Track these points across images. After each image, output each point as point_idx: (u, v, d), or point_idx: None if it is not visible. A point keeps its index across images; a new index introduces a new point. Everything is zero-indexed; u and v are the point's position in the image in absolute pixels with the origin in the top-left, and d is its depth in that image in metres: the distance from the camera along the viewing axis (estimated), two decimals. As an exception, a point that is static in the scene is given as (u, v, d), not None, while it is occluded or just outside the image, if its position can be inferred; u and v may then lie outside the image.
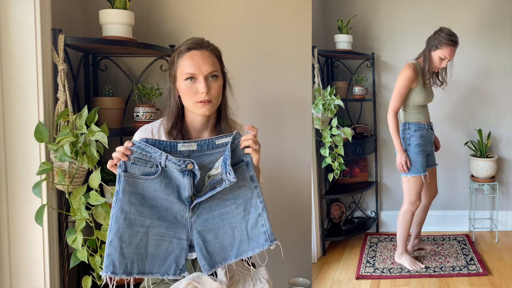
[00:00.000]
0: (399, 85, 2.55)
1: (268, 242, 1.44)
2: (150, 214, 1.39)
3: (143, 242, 1.38)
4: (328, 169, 2.78)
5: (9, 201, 1.81)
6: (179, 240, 1.42)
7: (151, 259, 1.39)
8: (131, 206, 1.37)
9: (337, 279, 2.63)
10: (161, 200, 1.41)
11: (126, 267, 1.35)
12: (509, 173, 3.32)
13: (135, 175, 1.39)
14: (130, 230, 1.36)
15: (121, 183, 1.37)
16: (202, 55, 1.49)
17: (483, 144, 3.17)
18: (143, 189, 1.39)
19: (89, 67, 2.27)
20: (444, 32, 2.53)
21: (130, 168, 1.39)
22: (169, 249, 1.41)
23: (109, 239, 1.35)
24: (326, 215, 3.17)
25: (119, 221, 1.36)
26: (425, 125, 2.63)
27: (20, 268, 1.83)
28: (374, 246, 3.08)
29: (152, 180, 1.39)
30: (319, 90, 2.70)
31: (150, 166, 1.40)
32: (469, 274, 2.62)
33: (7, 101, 1.79)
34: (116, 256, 1.34)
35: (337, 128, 2.61)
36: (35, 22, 1.78)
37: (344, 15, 3.15)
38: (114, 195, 1.38)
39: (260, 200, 1.45)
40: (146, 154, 1.39)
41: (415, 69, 2.54)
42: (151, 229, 1.39)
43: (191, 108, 1.52)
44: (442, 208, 3.28)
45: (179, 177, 1.40)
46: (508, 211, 3.33)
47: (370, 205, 3.45)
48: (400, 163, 2.56)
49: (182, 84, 1.50)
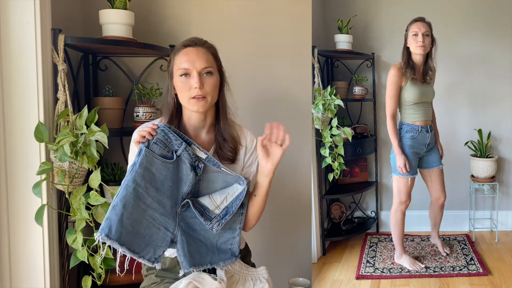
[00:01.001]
0: (388, 87, 2.57)
1: (233, 257, 1.56)
2: (154, 195, 1.44)
3: (139, 218, 1.41)
4: (328, 169, 2.78)
5: (9, 201, 1.81)
6: (166, 230, 1.47)
7: (139, 238, 1.41)
8: (143, 180, 1.42)
9: (337, 279, 2.63)
10: (167, 186, 1.46)
11: (120, 236, 1.37)
12: (509, 173, 3.32)
13: (155, 154, 1.44)
14: (135, 202, 1.40)
15: (141, 156, 1.43)
16: (196, 51, 1.51)
17: (483, 144, 3.17)
18: (157, 169, 1.45)
19: (89, 67, 2.27)
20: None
21: (151, 146, 1.44)
22: (154, 235, 1.44)
23: (113, 203, 1.38)
24: (326, 215, 3.17)
25: (129, 189, 1.39)
26: (419, 127, 2.58)
27: (20, 268, 1.83)
28: (374, 246, 3.08)
29: (167, 164, 1.46)
30: (319, 90, 2.70)
31: (167, 151, 1.47)
32: (469, 274, 2.62)
33: (7, 101, 1.79)
34: (115, 221, 1.36)
35: (337, 128, 2.61)
36: (35, 22, 1.77)
37: (344, 15, 3.15)
38: (130, 165, 1.44)
39: (240, 226, 1.57)
40: (167, 139, 1.47)
41: (399, 68, 2.54)
42: (149, 209, 1.43)
43: (186, 104, 1.53)
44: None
45: (186, 170, 1.48)
46: (508, 211, 3.33)
47: (370, 205, 3.45)
48: (399, 166, 2.56)
49: (177, 80, 1.52)
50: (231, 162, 1.62)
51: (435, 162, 2.70)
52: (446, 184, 2.77)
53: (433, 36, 2.56)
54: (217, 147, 1.60)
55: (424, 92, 2.57)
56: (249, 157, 1.67)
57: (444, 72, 3.16)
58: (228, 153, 1.59)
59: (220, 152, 1.59)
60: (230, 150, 1.60)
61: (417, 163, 2.66)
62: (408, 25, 2.60)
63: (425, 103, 2.61)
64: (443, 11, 3.25)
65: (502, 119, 3.29)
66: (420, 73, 2.57)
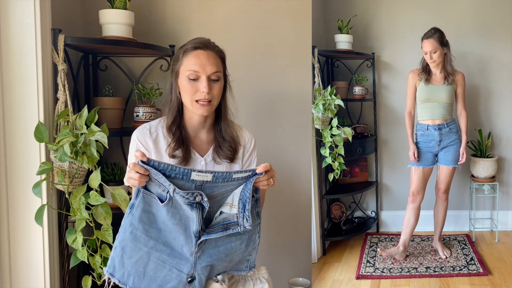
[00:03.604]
0: (407, 88, 2.83)
1: (247, 269, 1.52)
2: (157, 236, 1.38)
3: (143, 260, 1.37)
4: (328, 169, 2.78)
5: (9, 201, 1.81)
6: (179, 272, 1.40)
7: (148, 281, 1.38)
8: (140, 223, 1.36)
9: (337, 279, 2.63)
10: (171, 225, 1.38)
11: (123, 276, 1.37)
12: (509, 173, 3.32)
13: (152, 194, 1.37)
14: (133, 244, 1.37)
15: (138, 198, 1.36)
16: (207, 55, 1.51)
17: (483, 144, 3.17)
18: (157, 210, 1.37)
19: (89, 67, 2.27)
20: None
21: (148, 184, 1.36)
22: (167, 277, 1.39)
23: (114, 245, 1.38)
24: (326, 215, 3.16)
25: (126, 233, 1.37)
26: (427, 125, 2.75)
27: (20, 268, 1.83)
28: (374, 246, 3.08)
29: (161, 206, 1.36)
30: (319, 90, 2.70)
31: (162, 190, 1.35)
32: (469, 274, 2.62)
33: (7, 101, 1.79)
34: (117, 262, 1.37)
35: (337, 128, 2.61)
36: (35, 22, 1.77)
37: (344, 15, 3.15)
38: (129, 206, 1.37)
39: (259, 235, 1.50)
40: (158, 179, 1.34)
41: (414, 71, 2.80)
42: (154, 251, 1.38)
43: (189, 106, 1.53)
44: (443, 208, 3.28)
45: (187, 210, 1.36)
46: (508, 211, 3.33)
47: (370, 205, 3.45)
48: (410, 155, 2.78)
49: (184, 81, 1.51)
50: (230, 161, 1.62)
51: (447, 161, 2.78)
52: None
53: (444, 42, 2.71)
54: (217, 147, 1.60)
55: (432, 92, 2.73)
56: (248, 157, 1.68)
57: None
58: (227, 152, 1.60)
59: (219, 151, 1.60)
60: (229, 150, 1.60)
61: (433, 158, 2.80)
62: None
63: (434, 103, 2.73)
64: (443, 11, 3.25)
65: (502, 119, 3.29)
66: (440, 75, 2.75)
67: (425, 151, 2.78)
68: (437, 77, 2.75)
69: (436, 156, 2.80)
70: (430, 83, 2.74)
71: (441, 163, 2.80)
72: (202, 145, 1.60)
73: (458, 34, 3.26)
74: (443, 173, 2.81)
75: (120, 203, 1.75)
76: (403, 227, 2.83)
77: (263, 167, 1.38)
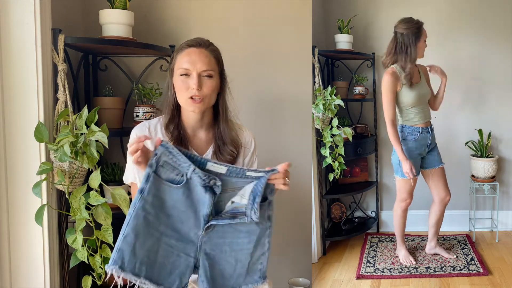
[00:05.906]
0: (383, 94, 2.53)
1: (261, 280, 1.46)
2: (166, 222, 1.36)
3: (154, 247, 1.35)
4: (328, 169, 2.78)
5: (9, 201, 1.81)
6: (187, 256, 1.39)
7: (159, 268, 1.35)
8: (153, 207, 1.34)
9: (337, 279, 2.63)
10: (179, 211, 1.37)
11: (134, 267, 1.31)
12: (509, 173, 3.32)
13: (162, 179, 1.36)
14: (147, 230, 1.33)
15: (149, 183, 1.34)
16: (199, 53, 1.51)
17: (483, 144, 3.17)
18: (165, 195, 1.36)
19: (89, 67, 2.27)
20: (410, 22, 2.53)
21: (158, 170, 1.35)
22: (176, 263, 1.37)
23: (124, 234, 1.30)
24: (326, 215, 3.16)
25: (139, 218, 1.32)
26: (420, 128, 2.58)
27: (20, 268, 1.83)
28: (375, 246, 3.08)
29: (175, 189, 1.36)
30: (319, 90, 2.70)
31: (176, 173, 1.36)
32: (470, 274, 2.62)
33: (7, 101, 1.79)
34: (127, 252, 1.30)
35: (338, 128, 2.61)
36: (35, 22, 1.77)
37: (344, 15, 3.15)
38: (138, 191, 1.34)
39: (268, 240, 1.45)
40: (175, 161, 1.35)
41: (394, 73, 2.50)
42: (164, 237, 1.36)
43: (183, 104, 1.53)
44: (443, 208, 3.28)
45: (200, 193, 1.36)
46: (508, 211, 3.33)
47: (370, 205, 3.45)
48: (406, 172, 2.52)
49: (177, 78, 1.52)
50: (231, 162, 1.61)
51: (436, 162, 2.68)
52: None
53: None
54: (216, 149, 1.60)
55: (422, 94, 2.58)
56: (250, 157, 1.67)
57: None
58: (227, 157, 1.59)
59: (219, 154, 1.59)
60: (230, 153, 1.59)
61: (420, 163, 2.66)
62: (410, 27, 2.53)
63: (424, 105, 2.62)
64: (443, 11, 3.25)
65: (502, 119, 3.28)
66: (416, 69, 2.56)
67: (416, 157, 2.59)
68: (415, 73, 2.54)
69: (420, 161, 2.64)
70: (413, 83, 2.52)
71: (431, 166, 2.66)
72: (201, 144, 1.60)
73: (458, 34, 3.26)
74: (440, 175, 2.68)
75: (120, 203, 1.75)
76: (397, 227, 2.80)
77: (286, 164, 1.38)
